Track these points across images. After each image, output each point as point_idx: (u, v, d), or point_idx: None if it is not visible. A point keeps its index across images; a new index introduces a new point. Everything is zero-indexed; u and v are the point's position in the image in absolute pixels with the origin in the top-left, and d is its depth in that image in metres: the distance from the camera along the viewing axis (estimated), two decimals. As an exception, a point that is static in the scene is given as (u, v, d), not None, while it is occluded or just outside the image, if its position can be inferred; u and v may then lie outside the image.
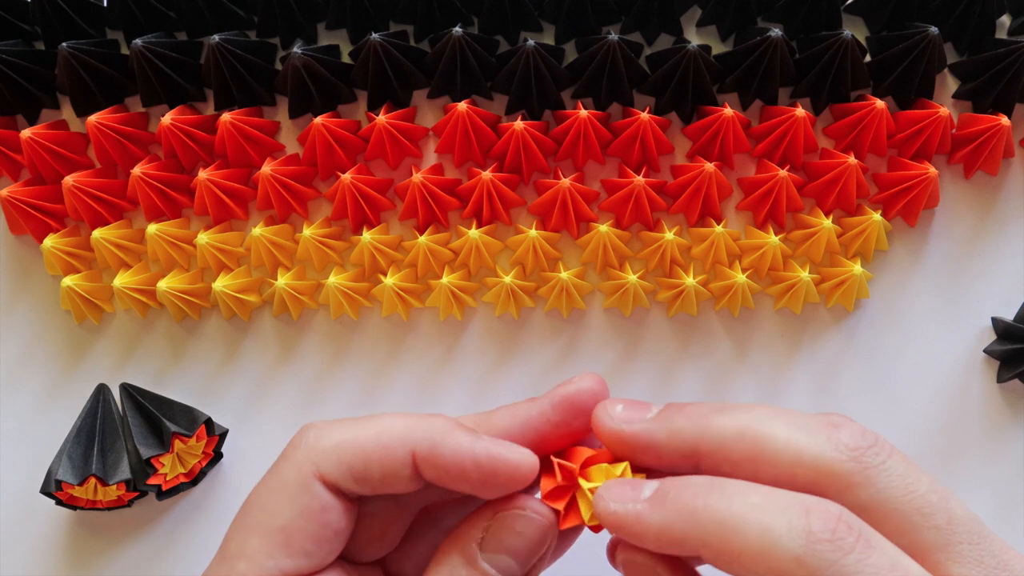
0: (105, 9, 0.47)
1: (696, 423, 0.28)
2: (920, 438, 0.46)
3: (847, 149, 0.46)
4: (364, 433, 0.29)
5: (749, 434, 0.27)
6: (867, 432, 0.27)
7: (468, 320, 0.47)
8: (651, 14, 0.46)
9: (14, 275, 0.47)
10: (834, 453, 0.26)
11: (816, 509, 0.25)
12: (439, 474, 0.29)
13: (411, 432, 0.29)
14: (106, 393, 0.46)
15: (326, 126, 0.44)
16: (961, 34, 0.46)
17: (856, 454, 0.26)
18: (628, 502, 0.27)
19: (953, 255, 0.47)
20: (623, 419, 0.29)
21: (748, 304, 0.46)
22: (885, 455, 0.26)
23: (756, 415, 0.27)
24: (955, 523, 0.26)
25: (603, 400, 0.30)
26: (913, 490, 0.26)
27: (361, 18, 0.46)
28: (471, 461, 0.29)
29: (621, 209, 0.45)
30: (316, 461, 0.29)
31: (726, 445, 0.27)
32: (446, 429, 0.29)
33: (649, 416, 0.29)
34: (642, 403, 0.30)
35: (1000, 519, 0.45)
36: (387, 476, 0.29)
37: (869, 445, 0.26)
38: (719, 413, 0.28)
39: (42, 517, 0.46)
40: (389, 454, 0.29)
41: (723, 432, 0.27)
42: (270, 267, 0.46)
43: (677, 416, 0.29)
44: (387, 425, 0.30)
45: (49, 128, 0.45)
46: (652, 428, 0.29)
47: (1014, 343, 0.45)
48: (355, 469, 0.29)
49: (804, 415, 0.28)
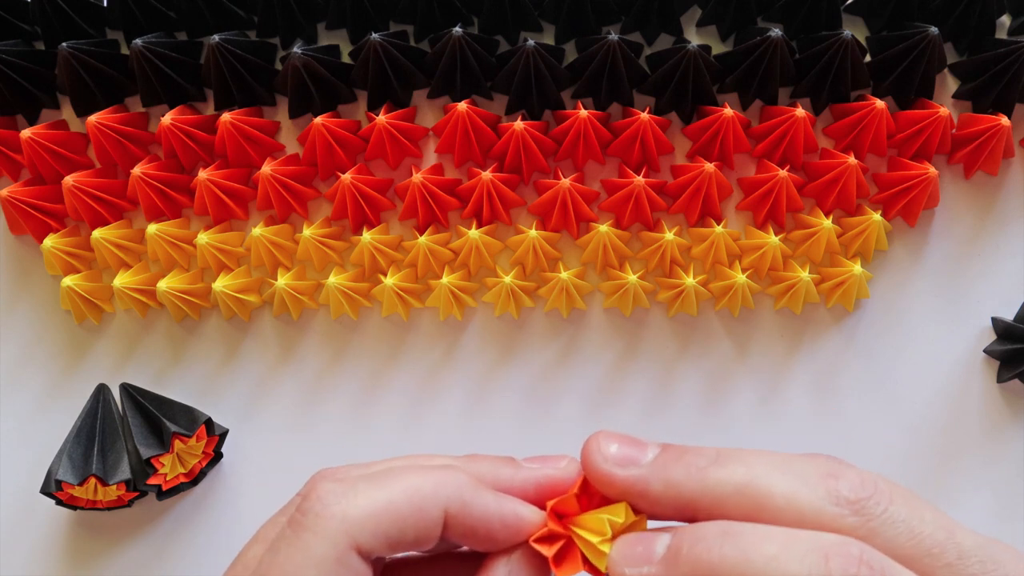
0: (105, 9, 0.47)
1: (693, 476, 0.27)
2: (920, 438, 0.46)
3: (847, 149, 0.46)
4: (397, 497, 0.27)
5: (748, 491, 0.26)
6: (865, 479, 0.26)
7: (468, 320, 0.47)
8: (651, 14, 0.46)
9: (14, 275, 0.47)
10: (835, 508, 0.26)
11: (835, 553, 0.24)
12: (463, 532, 0.28)
13: (441, 491, 0.28)
14: (106, 393, 0.46)
15: (326, 126, 0.44)
16: (961, 34, 0.46)
17: (857, 507, 0.26)
18: (643, 564, 0.26)
19: (953, 255, 0.47)
20: (616, 461, 0.28)
21: (748, 304, 0.46)
22: (886, 502, 0.26)
23: (755, 468, 0.27)
24: (965, 557, 0.25)
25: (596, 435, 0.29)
26: (919, 533, 0.25)
27: (361, 18, 0.46)
28: (499, 521, 0.28)
29: (621, 209, 0.45)
30: (352, 533, 0.27)
31: (725, 502, 0.26)
32: (472, 487, 0.28)
33: (645, 461, 0.28)
34: (638, 442, 0.29)
35: (1000, 519, 0.45)
36: (419, 538, 0.28)
37: (869, 496, 0.26)
38: (717, 466, 0.27)
39: (42, 517, 0.46)
40: (424, 517, 0.27)
41: (722, 489, 0.26)
42: (270, 267, 0.46)
43: (674, 467, 0.27)
44: (416, 484, 0.28)
45: (49, 128, 0.45)
46: (647, 477, 0.28)
47: (1014, 343, 0.45)
48: (391, 537, 0.27)
49: (803, 463, 0.27)
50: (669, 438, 0.47)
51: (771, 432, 0.46)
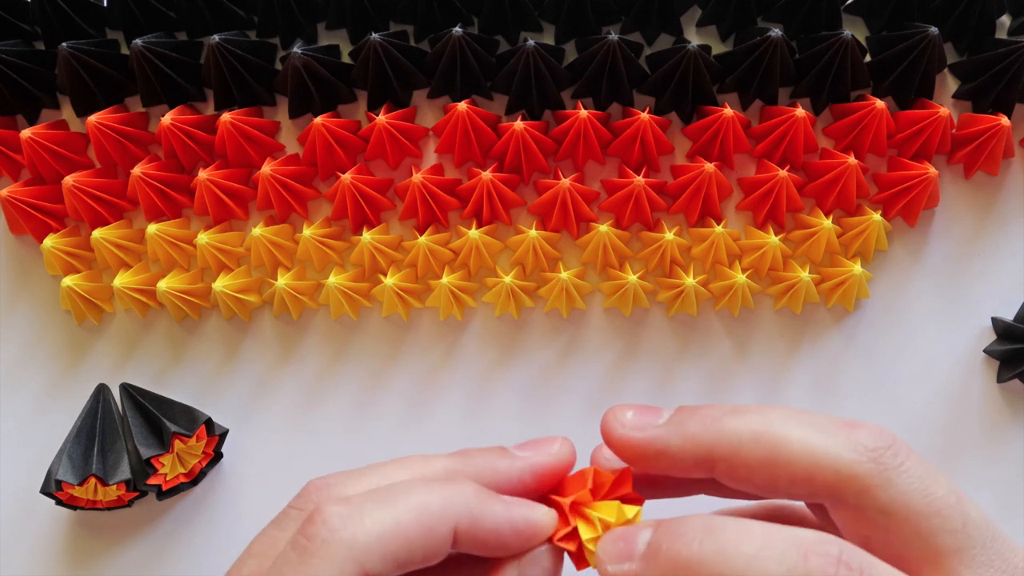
0: (105, 9, 0.47)
1: (710, 427, 0.27)
2: (920, 438, 0.46)
3: (847, 149, 0.46)
4: (404, 518, 0.27)
5: (765, 438, 0.26)
6: (884, 432, 0.26)
7: (468, 320, 0.47)
8: (651, 14, 0.46)
9: (14, 275, 0.47)
10: (852, 455, 0.26)
11: (814, 552, 0.24)
12: (474, 544, 0.28)
13: (449, 508, 0.27)
14: (106, 393, 0.46)
15: (326, 126, 0.44)
16: (961, 34, 0.46)
17: (875, 455, 0.26)
18: (623, 561, 0.27)
19: (953, 255, 0.47)
20: (634, 426, 0.28)
21: (748, 304, 0.46)
22: (903, 456, 0.26)
23: (771, 417, 0.27)
24: (969, 526, 0.26)
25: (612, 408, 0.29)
26: (932, 492, 0.26)
27: (361, 18, 0.46)
28: (510, 530, 0.28)
29: (621, 209, 0.45)
30: (360, 560, 0.26)
31: (742, 449, 0.27)
32: (480, 499, 0.28)
33: (660, 422, 0.28)
34: (652, 408, 0.29)
35: (1000, 519, 0.45)
36: (428, 556, 0.27)
37: (887, 446, 0.26)
38: (733, 416, 0.27)
39: (42, 517, 0.46)
40: (433, 536, 0.27)
41: (739, 436, 0.27)
42: (270, 267, 0.46)
43: (690, 420, 0.28)
44: (422, 503, 0.27)
45: (49, 128, 0.45)
46: (665, 434, 0.28)
47: (1014, 343, 0.45)
48: (400, 559, 0.26)
49: (820, 415, 0.27)
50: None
51: (771, 432, 0.46)
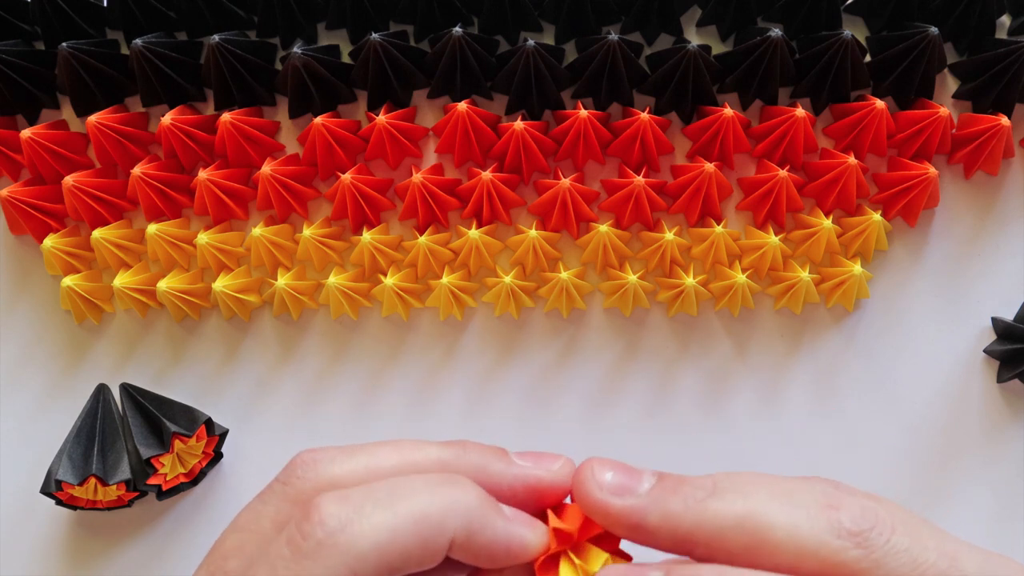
0: (105, 9, 0.47)
1: (692, 509, 0.26)
2: (920, 438, 0.46)
3: (847, 149, 0.46)
4: (401, 525, 0.26)
5: (748, 524, 0.26)
6: (866, 509, 0.26)
7: (468, 320, 0.47)
8: (651, 14, 0.46)
9: (14, 275, 0.47)
10: (837, 541, 0.25)
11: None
12: (464, 554, 0.27)
13: (449, 518, 0.27)
14: (106, 393, 0.46)
15: (326, 126, 0.44)
16: (961, 34, 0.46)
17: (859, 539, 0.25)
18: None
19: (953, 255, 0.47)
20: (612, 490, 0.27)
21: (748, 304, 0.46)
22: (888, 532, 0.25)
23: (753, 499, 0.26)
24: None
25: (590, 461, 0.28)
26: (922, 562, 0.25)
27: (361, 18, 0.46)
28: (504, 549, 0.27)
29: (621, 209, 0.45)
30: (353, 566, 0.25)
31: (724, 535, 0.26)
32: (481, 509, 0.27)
33: (641, 490, 0.27)
34: (633, 470, 0.28)
35: (1000, 519, 0.45)
36: (423, 562, 0.27)
37: (871, 526, 0.25)
38: (715, 498, 0.26)
39: (42, 517, 0.46)
40: (429, 547, 0.26)
41: (721, 521, 0.26)
42: (270, 267, 0.46)
43: (671, 498, 0.27)
44: (423, 510, 0.26)
45: (49, 128, 0.45)
46: (645, 507, 0.27)
47: (1014, 343, 0.45)
48: (394, 567, 0.26)
49: (803, 492, 0.26)
50: (669, 438, 0.47)
51: (771, 432, 0.46)
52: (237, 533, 0.28)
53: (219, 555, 0.28)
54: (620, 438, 0.46)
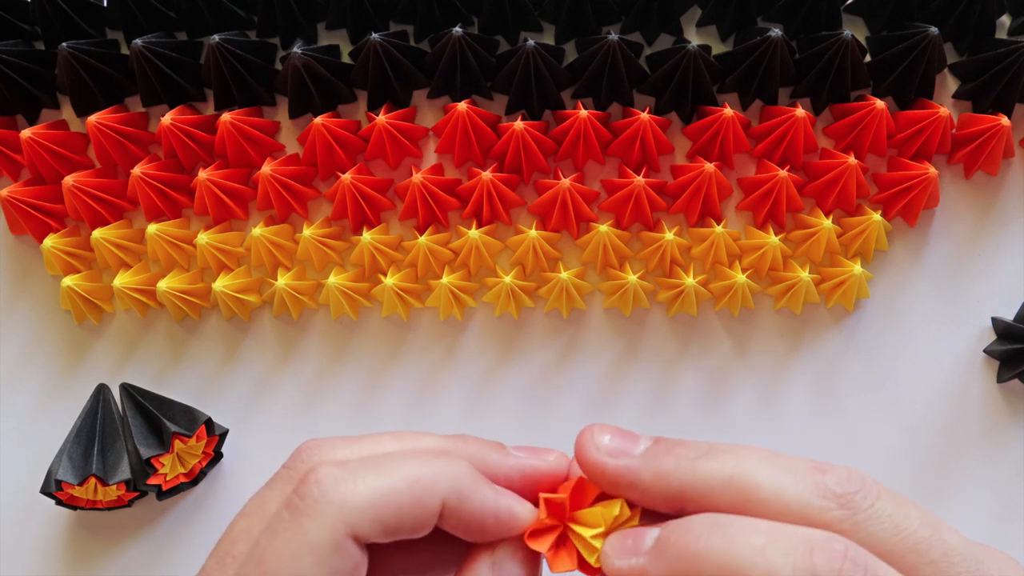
0: (105, 9, 0.47)
1: (683, 467, 0.27)
2: (920, 438, 0.46)
3: (847, 149, 0.46)
4: (397, 485, 0.27)
5: (736, 482, 0.27)
6: (852, 475, 0.27)
7: (468, 320, 0.47)
8: (651, 14, 0.46)
9: (14, 275, 0.47)
10: (822, 501, 0.26)
11: (820, 548, 0.24)
12: (456, 523, 0.28)
13: (441, 481, 0.28)
14: (106, 393, 0.46)
15: (326, 126, 0.44)
16: (961, 34, 0.46)
17: (843, 500, 0.26)
18: (631, 556, 0.27)
19: (953, 255, 0.47)
20: (608, 451, 0.28)
21: (748, 304, 0.46)
22: (873, 497, 0.26)
23: (743, 461, 0.27)
24: (951, 554, 0.26)
25: (590, 426, 0.29)
26: (904, 528, 0.26)
27: (361, 18, 0.46)
28: (494, 516, 0.28)
29: (621, 209, 0.45)
30: (349, 521, 0.27)
31: (713, 493, 0.27)
32: (471, 478, 0.29)
33: (636, 451, 0.28)
34: (631, 434, 0.29)
35: (1000, 519, 0.45)
36: (416, 527, 0.28)
37: (856, 490, 0.26)
38: (707, 458, 0.27)
39: (42, 517, 0.46)
40: (422, 507, 0.27)
41: (710, 480, 0.27)
42: (270, 267, 0.46)
43: (665, 457, 0.28)
44: (415, 473, 0.28)
45: (49, 128, 0.45)
46: (639, 467, 0.28)
47: (1014, 343, 0.45)
48: (388, 525, 0.27)
49: (791, 459, 0.27)
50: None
51: (771, 432, 0.46)
52: (245, 518, 0.29)
53: (228, 540, 0.29)
54: (620, 438, 0.46)
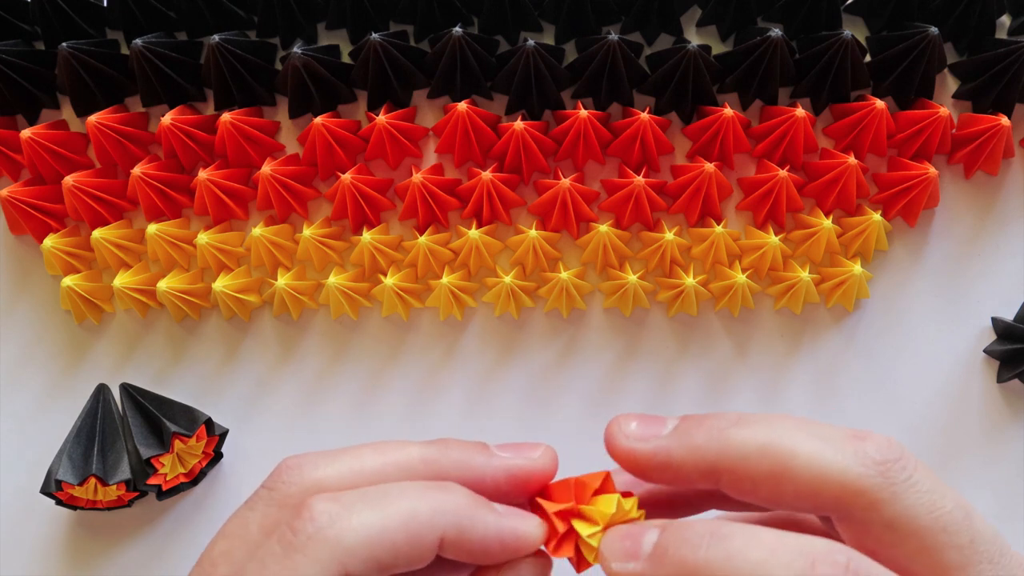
0: (105, 9, 0.47)
1: (715, 438, 0.27)
2: (920, 438, 0.46)
3: (847, 149, 0.46)
4: (392, 523, 0.26)
5: (772, 449, 0.26)
6: (893, 444, 0.26)
7: (468, 320, 0.47)
8: (651, 14, 0.46)
9: (14, 275, 0.47)
10: (860, 468, 0.25)
11: (822, 560, 0.24)
12: (459, 552, 0.28)
13: (437, 516, 0.27)
14: (106, 393, 0.46)
15: (326, 126, 0.44)
16: (961, 34, 0.46)
17: (882, 468, 0.25)
18: (629, 561, 0.26)
19: (953, 255, 0.47)
20: (638, 437, 0.28)
21: (748, 304, 0.46)
22: (911, 469, 0.26)
23: (778, 429, 0.26)
24: (977, 542, 0.25)
25: (616, 417, 0.29)
26: (939, 507, 0.25)
27: (361, 18, 0.46)
28: (498, 542, 0.28)
29: (621, 209, 0.45)
30: (342, 560, 0.26)
31: (748, 461, 0.26)
32: (470, 507, 0.28)
33: (665, 432, 0.28)
34: (657, 418, 0.28)
35: (1000, 519, 0.45)
36: (412, 561, 0.27)
37: (896, 458, 0.26)
38: (739, 427, 0.27)
39: (42, 517, 0.46)
40: (418, 543, 0.27)
41: (745, 448, 0.26)
42: (270, 267, 0.46)
43: (695, 431, 0.27)
44: (412, 509, 0.27)
45: (49, 128, 0.45)
46: (669, 445, 0.27)
47: (1014, 343, 0.45)
48: (383, 563, 0.26)
49: (827, 426, 0.27)
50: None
51: (771, 432, 0.46)
52: (225, 540, 0.28)
53: (208, 562, 0.28)
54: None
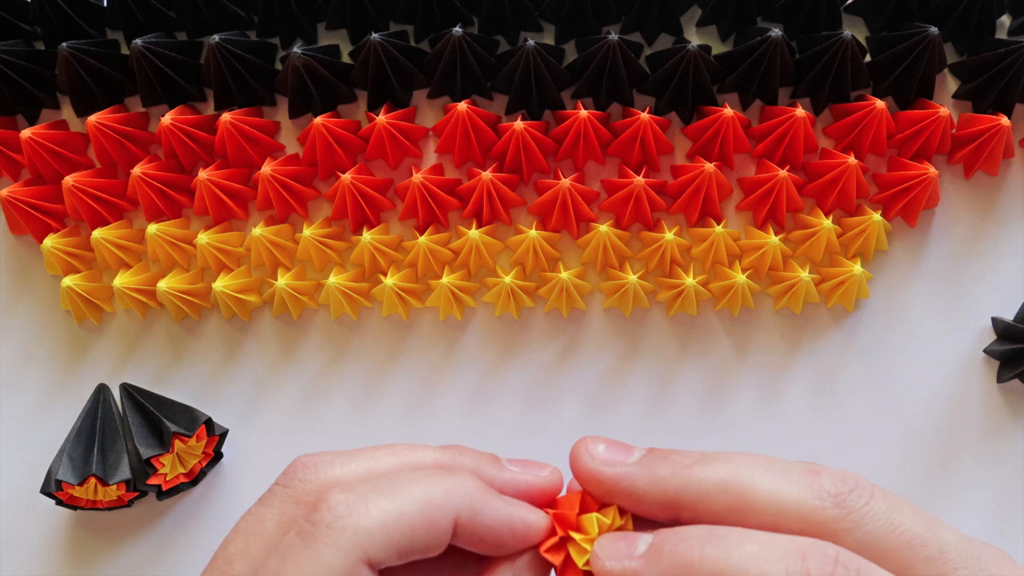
0: (105, 9, 0.47)
1: (678, 473, 0.28)
2: (920, 438, 0.46)
3: (847, 149, 0.46)
4: (408, 508, 0.27)
5: (732, 486, 0.27)
6: (847, 475, 0.27)
7: (468, 320, 0.47)
8: (651, 14, 0.46)
9: (14, 275, 0.47)
10: (817, 501, 0.26)
11: (812, 553, 0.25)
12: (471, 539, 0.28)
13: (451, 499, 0.28)
14: (106, 393, 0.46)
15: (326, 126, 0.44)
16: (961, 34, 0.46)
17: (838, 500, 0.26)
18: (624, 559, 0.27)
19: (953, 255, 0.47)
20: (604, 460, 0.29)
21: (748, 304, 0.46)
22: (867, 496, 0.26)
23: (738, 465, 0.27)
24: (947, 550, 0.26)
25: (584, 438, 0.30)
26: (898, 525, 0.26)
27: (361, 18, 0.46)
28: (508, 528, 0.29)
29: (621, 209, 0.45)
30: (363, 546, 0.27)
31: (708, 497, 0.27)
32: (482, 492, 0.29)
33: (631, 460, 0.29)
34: (625, 445, 0.30)
35: (1000, 519, 0.45)
36: (429, 547, 0.28)
37: (851, 489, 0.27)
38: (701, 464, 0.28)
39: (42, 517, 0.46)
40: (435, 527, 0.27)
41: (705, 484, 0.27)
42: (270, 267, 0.46)
43: (660, 464, 0.28)
44: (426, 494, 0.28)
45: (49, 128, 0.45)
46: (633, 473, 0.28)
47: (1014, 343, 0.45)
48: (402, 548, 0.27)
49: (785, 462, 0.28)
50: (669, 438, 0.47)
51: (771, 432, 0.46)
52: (240, 537, 0.28)
53: (223, 559, 0.28)
54: (620, 438, 0.46)
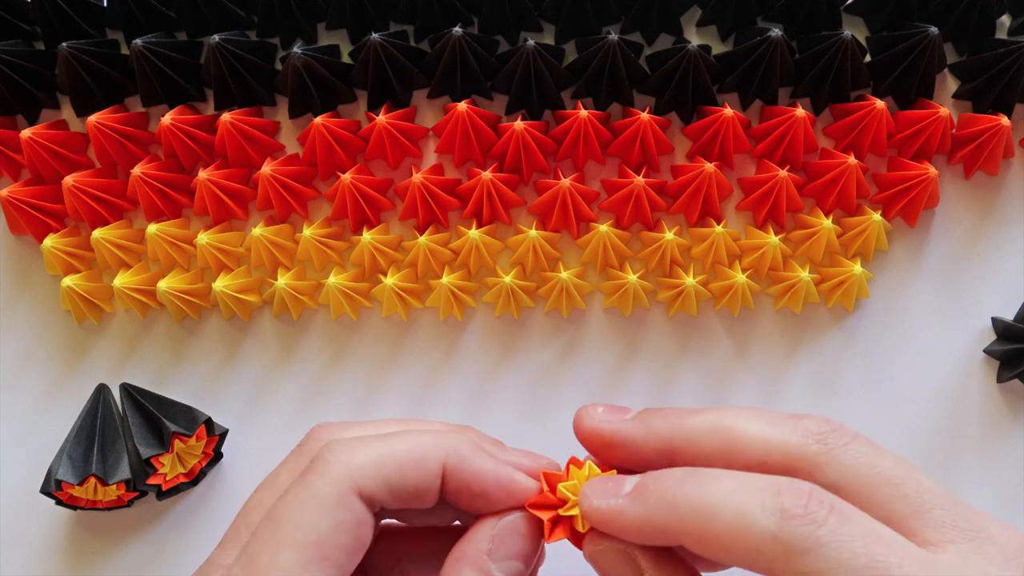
0: (105, 9, 0.47)
1: (671, 422, 0.30)
2: (920, 438, 0.46)
3: (847, 149, 0.46)
4: (398, 447, 0.30)
5: (721, 428, 0.29)
6: (830, 420, 0.29)
7: (468, 320, 0.47)
8: (651, 14, 0.46)
9: (14, 275, 0.47)
10: (800, 438, 0.28)
11: (787, 488, 0.26)
12: (458, 487, 0.30)
13: (441, 445, 0.30)
14: (106, 393, 0.46)
15: (326, 126, 0.44)
16: (961, 34, 0.46)
17: (820, 437, 0.28)
18: (610, 498, 0.29)
19: (953, 255, 0.47)
20: (603, 419, 0.31)
21: (748, 304, 0.46)
22: (849, 437, 0.29)
23: (727, 412, 0.30)
24: (924, 492, 0.28)
25: (584, 405, 0.32)
26: (879, 464, 0.28)
27: (361, 18, 0.46)
28: (494, 480, 0.31)
29: (621, 209, 0.45)
30: (354, 477, 0.29)
31: (700, 439, 0.29)
32: (471, 446, 0.31)
33: (628, 417, 0.31)
34: (621, 407, 0.32)
35: (1000, 519, 0.45)
36: (418, 490, 0.30)
37: (833, 429, 0.29)
38: (693, 413, 0.30)
39: (42, 517, 0.46)
40: (423, 468, 0.30)
41: (697, 428, 0.30)
42: (270, 267, 0.46)
43: (654, 417, 0.31)
44: (417, 439, 0.30)
45: (49, 128, 0.45)
46: (630, 427, 0.31)
47: (1014, 343, 0.45)
48: (392, 484, 0.30)
49: (771, 411, 0.30)
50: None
51: (771, 432, 0.46)
52: (259, 492, 0.32)
53: (243, 513, 0.32)
54: (620, 438, 0.46)
